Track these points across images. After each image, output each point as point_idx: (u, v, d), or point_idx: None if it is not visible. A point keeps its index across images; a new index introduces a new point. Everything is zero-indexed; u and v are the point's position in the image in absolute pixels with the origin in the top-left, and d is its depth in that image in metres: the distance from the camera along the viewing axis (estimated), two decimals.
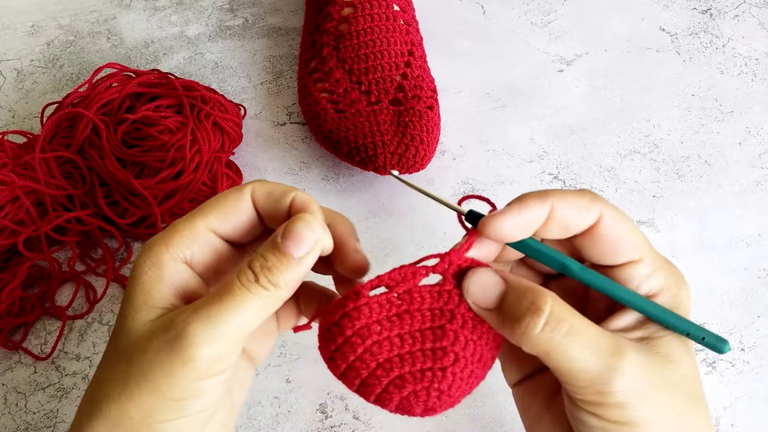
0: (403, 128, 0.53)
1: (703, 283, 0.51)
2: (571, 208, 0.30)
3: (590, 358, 0.28)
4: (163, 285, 0.30)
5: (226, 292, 0.28)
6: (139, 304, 0.29)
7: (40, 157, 0.50)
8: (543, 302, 0.28)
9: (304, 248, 0.29)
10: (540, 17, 0.66)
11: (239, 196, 0.31)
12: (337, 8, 0.56)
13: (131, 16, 0.67)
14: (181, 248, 0.30)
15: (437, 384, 0.29)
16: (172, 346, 0.27)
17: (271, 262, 0.29)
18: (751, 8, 0.67)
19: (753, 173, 0.56)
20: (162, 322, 0.29)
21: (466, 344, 0.29)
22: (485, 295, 0.30)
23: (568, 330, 0.28)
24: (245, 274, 0.29)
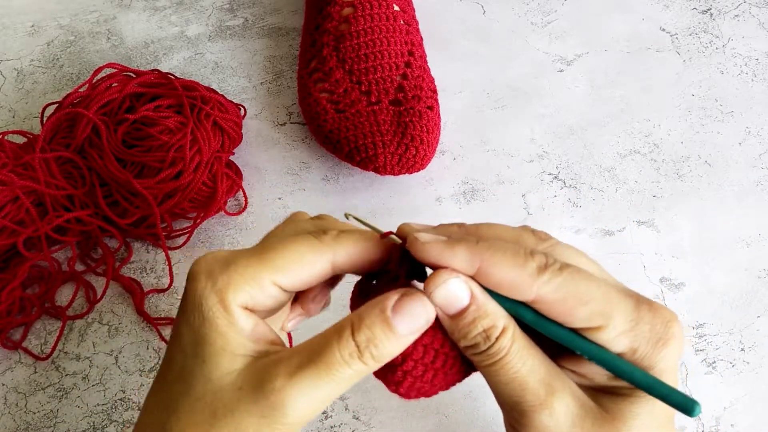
0: (403, 128, 0.53)
1: (703, 283, 0.51)
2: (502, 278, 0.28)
3: (515, 389, 0.28)
4: (239, 332, 0.28)
5: (323, 361, 0.27)
6: (217, 350, 0.28)
7: (40, 157, 0.50)
8: (495, 333, 0.28)
9: (414, 328, 0.28)
10: (540, 17, 0.66)
11: (318, 260, 0.29)
12: (337, 8, 0.56)
13: (131, 16, 0.67)
14: (244, 296, 0.28)
15: (390, 377, 0.29)
16: (266, 414, 0.26)
17: (379, 339, 0.27)
18: (751, 8, 0.67)
19: (753, 173, 0.56)
20: (250, 378, 0.27)
21: (415, 347, 0.29)
22: (447, 304, 0.28)
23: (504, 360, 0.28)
24: (347, 347, 0.27)
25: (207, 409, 0.27)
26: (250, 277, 0.28)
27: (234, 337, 0.28)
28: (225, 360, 0.28)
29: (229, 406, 0.27)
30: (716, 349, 0.48)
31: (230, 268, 0.28)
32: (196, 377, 0.28)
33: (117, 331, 0.49)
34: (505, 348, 0.28)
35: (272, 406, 0.26)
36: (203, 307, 0.28)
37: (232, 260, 0.29)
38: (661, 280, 0.51)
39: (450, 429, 0.45)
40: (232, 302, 0.28)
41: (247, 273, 0.28)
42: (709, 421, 0.45)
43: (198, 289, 0.28)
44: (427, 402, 0.46)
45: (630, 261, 0.52)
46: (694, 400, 0.26)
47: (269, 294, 0.29)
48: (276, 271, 0.28)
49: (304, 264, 0.29)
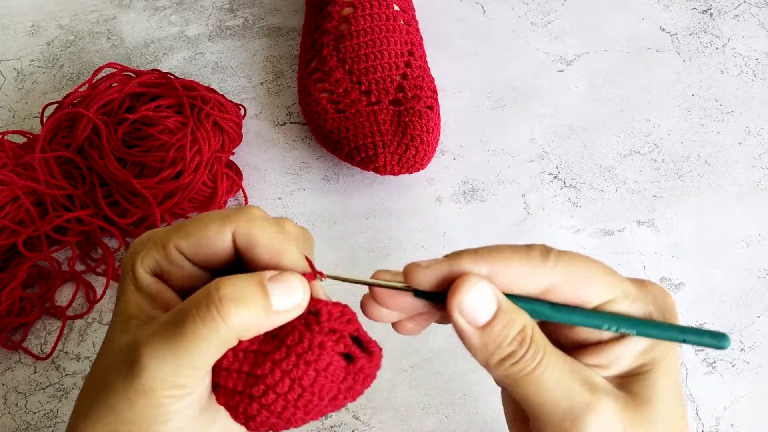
0: (403, 128, 0.53)
1: (703, 283, 0.51)
2: (512, 274, 0.27)
3: (562, 393, 0.27)
4: (141, 297, 0.28)
5: (179, 320, 0.26)
6: (120, 315, 0.28)
7: (40, 157, 0.50)
8: (528, 334, 0.27)
9: (286, 303, 0.27)
10: (540, 17, 0.66)
11: (219, 233, 0.28)
12: (337, 8, 0.56)
13: (131, 16, 0.67)
14: (151, 262, 0.28)
15: (242, 409, 0.27)
16: (127, 372, 0.26)
17: (248, 296, 0.26)
18: (751, 8, 0.67)
19: (753, 173, 0.56)
20: (127, 340, 0.27)
21: (281, 380, 0.27)
22: (476, 314, 0.27)
23: (544, 363, 0.27)
24: (205, 299, 0.26)
25: (101, 369, 0.28)
26: (159, 243, 0.28)
27: (135, 301, 0.28)
28: (122, 323, 0.28)
29: (110, 368, 0.27)
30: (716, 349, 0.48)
31: (148, 239, 0.29)
32: (104, 343, 0.28)
33: None
34: (541, 348, 0.27)
35: (131, 363, 0.26)
36: (121, 278, 0.29)
37: (154, 232, 0.29)
38: (661, 280, 0.51)
39: (450, 429, 0.45)
40: (138, 266, 0.28)
41: (156, 239, 0.29)
42: (709, 421, 0.45)
43: (123, 261, 0.29)
44: (427, 402, 0.46)
45: (630, 261, 0.52)
46: (722, 333, 0.28)
47: (176, 262, 0.28)
48: (180, 236, 0.28)
49: (206, 231, 0.28)
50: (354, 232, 0.53)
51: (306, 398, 0.27)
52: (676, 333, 0.28)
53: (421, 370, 0.47)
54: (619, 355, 0.28)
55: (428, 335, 0.48)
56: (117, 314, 0.29)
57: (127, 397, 0.26)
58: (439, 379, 0.47)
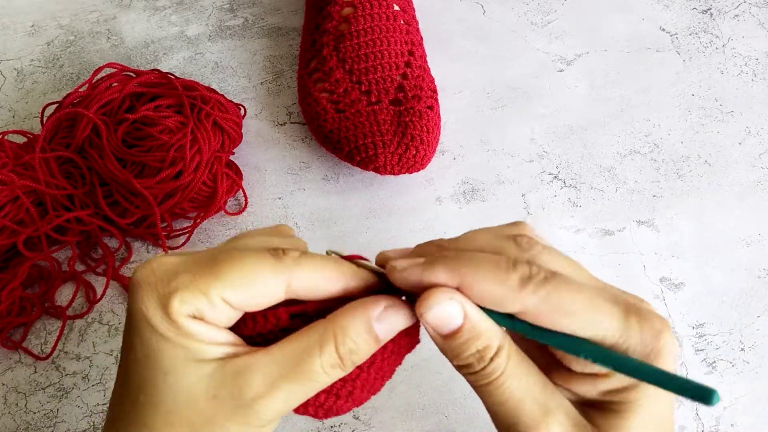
0: (403, 128, 0.53)
1: (703, 283, 0.51)
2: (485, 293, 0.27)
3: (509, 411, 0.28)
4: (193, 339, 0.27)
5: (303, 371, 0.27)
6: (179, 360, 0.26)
7: (40, 156, 0.50)
8: (490, 353, 0.27)
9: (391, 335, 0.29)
10: (540, 17, 0.66)
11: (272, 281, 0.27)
12: (337, 8, 0.56)
13: (131, 16, 0.67)
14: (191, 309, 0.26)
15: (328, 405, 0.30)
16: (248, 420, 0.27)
17: (361, 349, 0.27)
18: (751, 8, 0.67)
19: (753, 173, 0.56)
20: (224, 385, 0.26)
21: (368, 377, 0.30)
22: (440, 325, 0.27)
23: (501, 380, 0.27)
24: (330, 360, 0.27)
25: (183, 421, 0.26)
26: (197, 290, 0.26)
27: (191, 345, 0.26)
28: (189, 369, 0.26)
29: (206, 415, 0.26)
30: (716, 349, 0.48)
31: (175, 279, 0.26)
32: (163, 390, 0.26)
33: (117, 331, 0.49)
34: (499, 368, 0.27)
35: (253, 415, 0.26)
36: (151, 320, 0.26)
37: (178, 270, 0.27)
38: (661, 280, 0.51)
39: (450, 429, 0.45)
40: (178, 315, 0.26)
41: (193, 286, 0.26)
42: (709, 421, 0.45)
43: (140, 301, 0.27)
44: (427, 402, 0.46)
45: (630, 261, 0.52)
46: (711, 388, 0.24)
47: (218, 310, 0.27)
48: (226, 287, 0.26)
49: (257, 283, 0.27)
50: (354, 232, 0.53)
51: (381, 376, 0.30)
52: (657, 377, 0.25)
53: (421, 370, 0.47)
54: (584, 387, 0.28)
55: (428, 335, 0.48)
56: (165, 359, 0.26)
57: None
58: (439, 379, 0.47)
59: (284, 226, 0.33)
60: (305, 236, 0.53)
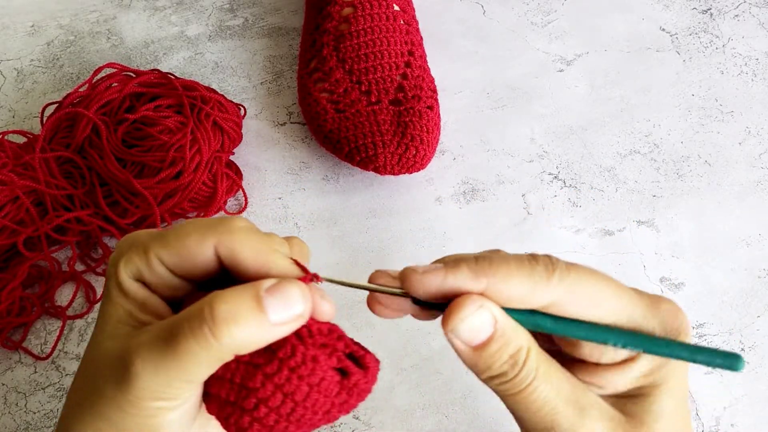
0: (403, 128, 0.53)
1: (703, 283, 0.51)
2: (513, 291, 0.26)
3: (547, 415, 0.27)
4: (127, 301, 0.28)
5: (171, 336, 0.25)
6: (106, 319, 0.28)
7: (40, 156, 0.50)
8: (522, 356, 0.26)
9: (286, 315, 0.25)
10: (540, 17, 0.66)
11: (199, 245, 0.27)
12: (338, 8, 0.56)
13: (131, 16, 0.67)
14: (134, 268, 0.28)
15: (234, 420, 0.27)
16: (118, 380, 0.25)
17: (243, 314, 0.25)
18: (751, 8, 0.67)
19: (753, 173, 0.56)
20: (120, 345, 0.26)
21: (273, 394, 0.26)
22: (473, 337, 0.26)
23: (534, 385, 0.26)
24: (198, 317, 0.25)
25: (90, 374, 0.27)
26: (141, 250, 0.28)
27: (121, 305, 0.28)
28: (109, 327, 0.27)
29: (98, 372, 0.27)
30: None
31: (132, 243, 0.28)
32: (90, 344, 0.28)
33: None
34: (532, 371, 0.26)
35: (123, 371, 0.25)
36: (106, 280, 0.28)
37: (137, 237, 0.28)
38: (661, 280, 0.51)
39: (450, 429, 0.45)
40: (122, 272, 0.28)
41: (139, 245, 0.28)
42: (709, 421, 0.45)
43: (108, 263, 0.29)
44: (427, 402, 0.46)
45: (630, 261, 0.52)
46: (737, 354, 0.26)
47: (158, 273, 0.28)
48: (161, 246, 0.27)
49: (186, 242, 0.27)
50: (354, 232, 0.53)
51: (299, 413, 0.27)
52: (686, 352, 0.26)
53: (421, 369, 0.47)
54: (615, 379, 0.28)
55: (428, 335, 0.48)
56: (103, 317, 0.28)
57: (118, 406, 0.26)
58: (439, 379, 0.47)
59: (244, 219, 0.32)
60: (305, 236, 0.53)
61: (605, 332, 0.26)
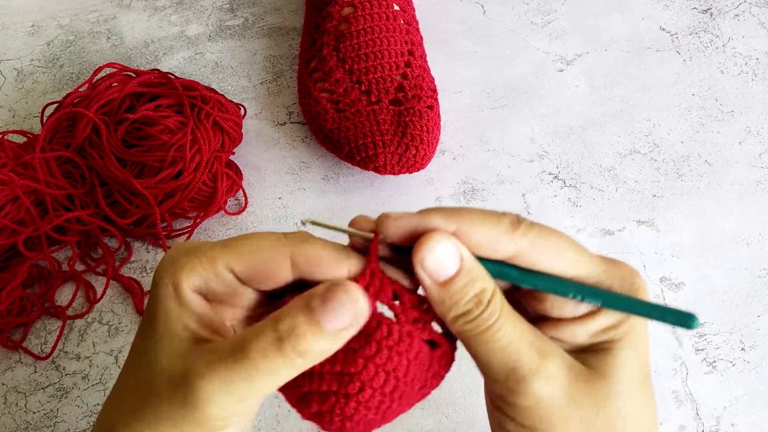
0: (403, 128, 0.53)
1: (703, 283, 0.51)
2: (481, 236, 0.27)
3: (511, 354, 0.27)
4: (186, 314, 0.27)
5: (242, 353, 0.25)
6: (163, 331, 0.27)
7: (40, 156, 0.50)
8: (487, 296, 0.27)
9: (341, 322, 0.26)
10: (540, 17, 0.66)
11: (276, 253, 0.27)
12: (338, 8, 0.56)
13: (131, 16, 0.67)
14: (197, 279, 0.28)
15: (339, 410, 0.27)
16: (183, 401, 0.25)
17: (302, 330, 0.25)
18: (751, 8, 0.67)
19: (753, 173, 0.56)
20: (179, 362, 0.26)
21: (375, 374, 0.27)
22: (438, 270, 0.27)
23: (497, 325, 0.27)
24: (267, 337, 0.25)
25: (143, 390, 0.27)
26: (206, 261, 0.27)
27: (179, 319, 0.27)
28: (167, 342, 0.27)
29: (156, 388, 0.26)
30: (716, 348, 0.48)
31: (190, 253, 0.28)
32: (144, 357, 0.28)
33: (117, 330, 0.49)
34: (497, 311, 0.27)
35: (190, 393, 0.25)
36: (158, 288, 0.28)
37: (197, 246, 0.28)
38: (661, 280, 0.51)
39: (450, 429, 0.45)
40: (184, 283, 0.27)
41: (203, 256, 0.28)
42: (709, 421, 0.45)
43: (158, 271, 0.28)
44: (427, 402, 0.46)
45: (630, 261, 0.52)
46: (691, 312, 0.27)
47: (224, 281, 0.28)
48: (232, 256, 0.27)
49: (261, 253, 0.28)
50: None
51: (401, 389, 0.28)
52: (642, 308, 0.27)
53: None
54: (577, 332, 0.29)
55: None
56: (156, 330, 0.27)
57: (178, 425, 0.26)
58: None
59: None
60: None
61: (566, 285, 0.28)
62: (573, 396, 0.28)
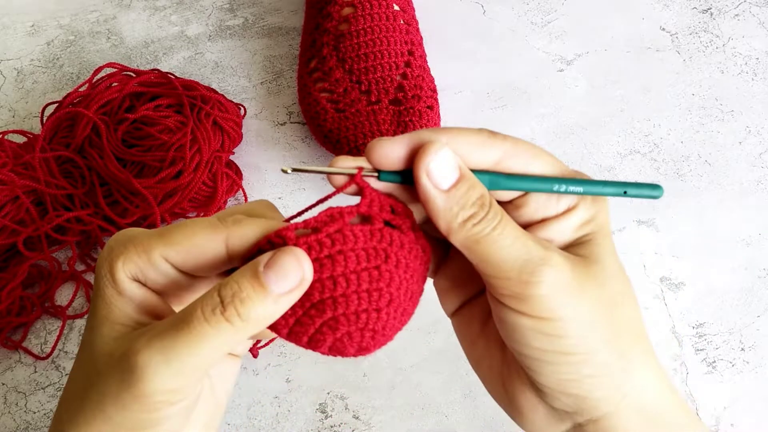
0: (403, 128, 0.53)
1: (703, 283, 0.51)
2: (467, 146, 0.30)
3: (520, 249, 0.29)
4: (124, 301, 0.28)
5: (183, 322, 0.25)
6: (101, 318, 0.28)
7: (40, 156, 0.50)
8: (487, 199, 0.29)
9: (287, 284, 0.26)
10: (540, 17, 0.66)
11: (211, 239, 0.28)
12: (338, 8, 0.56)
13: (131, 15, 0.67)
14: (133, 268, 0.28)
15: (372, 324, 0.28)
16: (123, 378, 0.25)
17: (246, 293, 0.25)
18: (751, 7, 0.67)
19: (753, 173, 0.56)
20: (119, 344, 0.26)
21: (400, 284, 0.28)
22: (442, 176, 0.29)
23: (503, 224, 0.29)
24: (210, 302, 0.25)
25: (86, 377, 0.27)
26: (141, 250, 0.28)
27: (118, 306, 0.28)
28: (106, 328, 0.27)
29: (98, 372, 0.27)
30: (716, 348, 0.48)
31: (127, 242, 0.28)
32: (86, 346, 0.28)
33: None
34: (499, 211, 0.29)
35: (129, 368, 0.25)
36: (97, 278, 0.28)
37: (133, 236, 0.28)
38: (661, 280, 0.51)
39: (450, 429, 0.45)
40: (119, 272, 0.27)
41: (138, 245, 0.28)
42: (709, 421, 0.45)
43: (98, 262, 0.29)
44: (427, 402, 0.46)
45: (630, 261, 0.52)
46: (657, 184, 0.32)
47: (160, 269, 0.28)
48: (167, 245, 0.27)
49: (195, 240, 0.27)
50: None
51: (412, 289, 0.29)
52: (617, 188, 0.31)
53: (421, 370, 0.47)
54: (563, 227, 0.31)
55: (428, 335, 0.48)
56: (96, 318, 0.28)
57: (121, 403, 0.26)
58: (439, 379, 0.47)
59: (263, 201, 0.32)
60: None
61: (550, 180, 0.30)
62: (579, 280, 0.29)
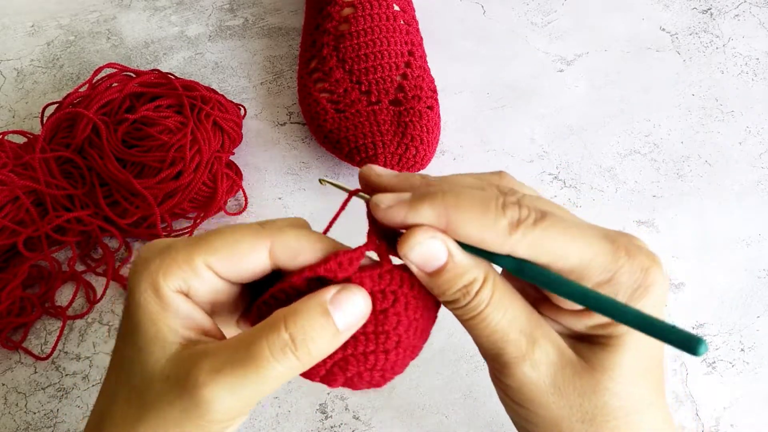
0: (403, 128, 0.53)
1: (703, 283, 0.51)
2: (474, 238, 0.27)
3: (495, 343, 0.28)
4: (171, 318, 0.27)
5: (250, 357, 0.25)
6: (150, 337, 0.27)
7: (40, 157, 0.50)
8: (474, 287, 0.27)
9: (352, 323, 0.27)
10: (540, 17, 0.66)
11: (255, 246, 0.27)
12: (338, 8, 0.56)
13: (131, 16, 0.67)
14: (177, 281, 0.27)
15: (380, 365, 0.29)
16: (187, 407, 0.25)
17: (318, 332, 0.26)
18: (751, 8, 0.67)
19: (753, 173, 0.56)
20: (178, 367, 0.26)
21: (409, 325, 0.29)
22: (424, 263, 0.27)
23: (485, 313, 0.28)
24: (278, 341, 0.25)
25: (139, 398, 0.27)
26: (182, 261, 0.27)
27: (166, 324, 0.27)
28: (157, 348, 0.27)
29: (156, 396, 0.26)
30: (716, 349, 0.48)
31: (164, 253, 0.27)
32: (134, 365, 0.27)
33: (117, 331, 0.49)
34: (484, 301, 0.28)
35: (194, 401, 0.25)
36: (137, 293, 0.27)
37: (169, 245, 0.28)
38: None
39: (450, 429, 0.45)
40: (164, 287, 0.27)
41: (179, 256, 0.27)
42: (709, 421, 0.45)
43: (134, 275, 0.28)
44: (427, 402, 0.46)
45: None
46: (699, 336, 0.23)
47: (205, 279, 0.27)
48: (209, 253, 0.27)
49: (238, 247, 0.27)
50: (354, 233, 0.53)
51: (422, 327, 0.29)
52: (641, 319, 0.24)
53: (421, 370, 0.47)
54: (573, 320, 0.29)
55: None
56: (144, 338, 0.27)
57: (180, 427, 0.26)
58: (439, 379, 0.47)
59: (299, 218, 0.32)
60: None
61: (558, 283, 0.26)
62: (558, 384, 0.28)
